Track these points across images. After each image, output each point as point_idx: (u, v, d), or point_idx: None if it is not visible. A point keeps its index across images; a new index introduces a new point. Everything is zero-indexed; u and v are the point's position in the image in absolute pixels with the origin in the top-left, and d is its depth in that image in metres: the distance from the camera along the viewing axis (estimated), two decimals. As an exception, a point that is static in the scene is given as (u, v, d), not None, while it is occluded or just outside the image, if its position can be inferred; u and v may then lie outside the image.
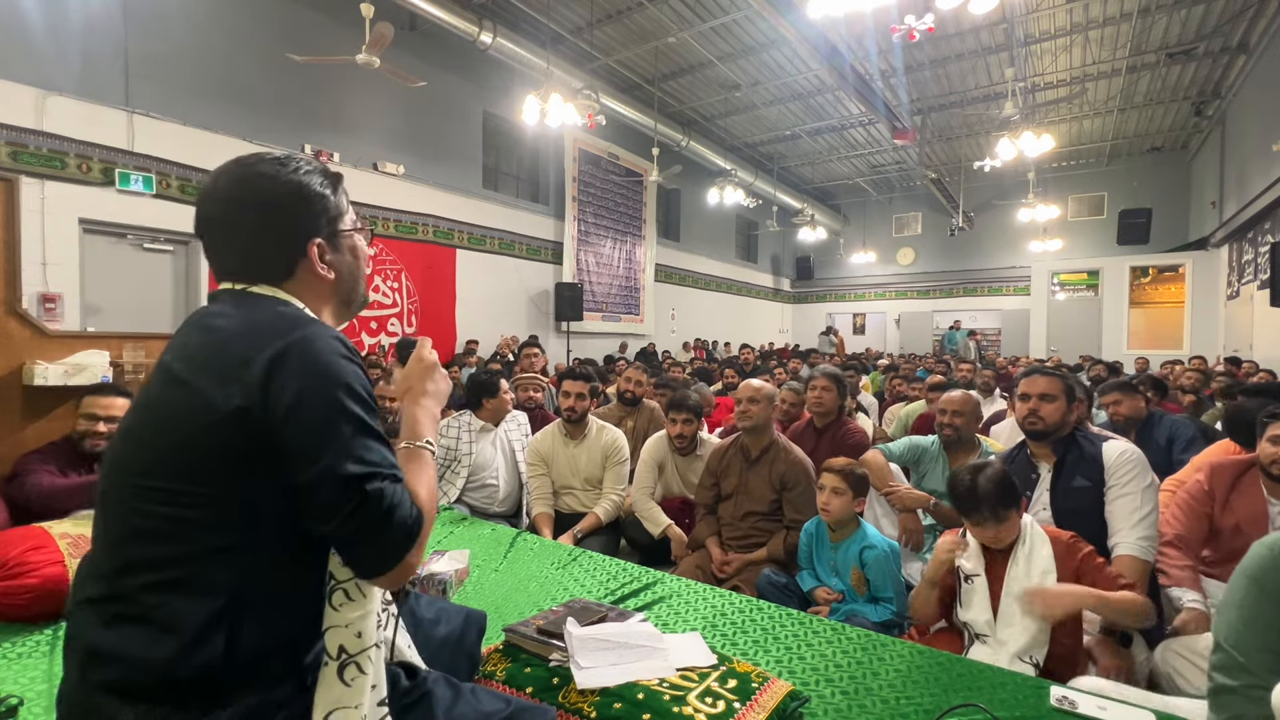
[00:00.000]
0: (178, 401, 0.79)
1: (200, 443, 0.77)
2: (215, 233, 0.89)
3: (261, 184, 0.88)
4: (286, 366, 0.77)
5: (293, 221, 0.90)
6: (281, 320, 0.83)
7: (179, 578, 0.75)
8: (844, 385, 3.21)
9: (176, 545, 0.76)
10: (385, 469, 0.80)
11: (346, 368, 0.81)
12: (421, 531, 0.82)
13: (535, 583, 1.97)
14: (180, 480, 0.76)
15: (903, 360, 9.15)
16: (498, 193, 9.51)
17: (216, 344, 0.81)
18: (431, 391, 1.02)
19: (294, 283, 0.91)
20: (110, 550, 0.79)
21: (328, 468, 0.76)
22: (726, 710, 1.17)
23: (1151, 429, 3.13)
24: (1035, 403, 2.05)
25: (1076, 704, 1.25)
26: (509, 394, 3.11)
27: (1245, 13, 7.87)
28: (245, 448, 0.77)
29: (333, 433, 0.77)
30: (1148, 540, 1.82)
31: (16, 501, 1.99)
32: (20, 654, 1.45)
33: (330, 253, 0.94)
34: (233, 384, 0.76)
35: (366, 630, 0.83)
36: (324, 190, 0.93)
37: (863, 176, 15.43)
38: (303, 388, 0.77)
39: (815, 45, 7.30)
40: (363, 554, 0.79)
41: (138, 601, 0.75)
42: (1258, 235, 8.68)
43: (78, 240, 5.26)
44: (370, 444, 0.80)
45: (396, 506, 0.79)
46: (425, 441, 0.96)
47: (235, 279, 0.89)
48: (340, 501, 0.76)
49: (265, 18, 6.45)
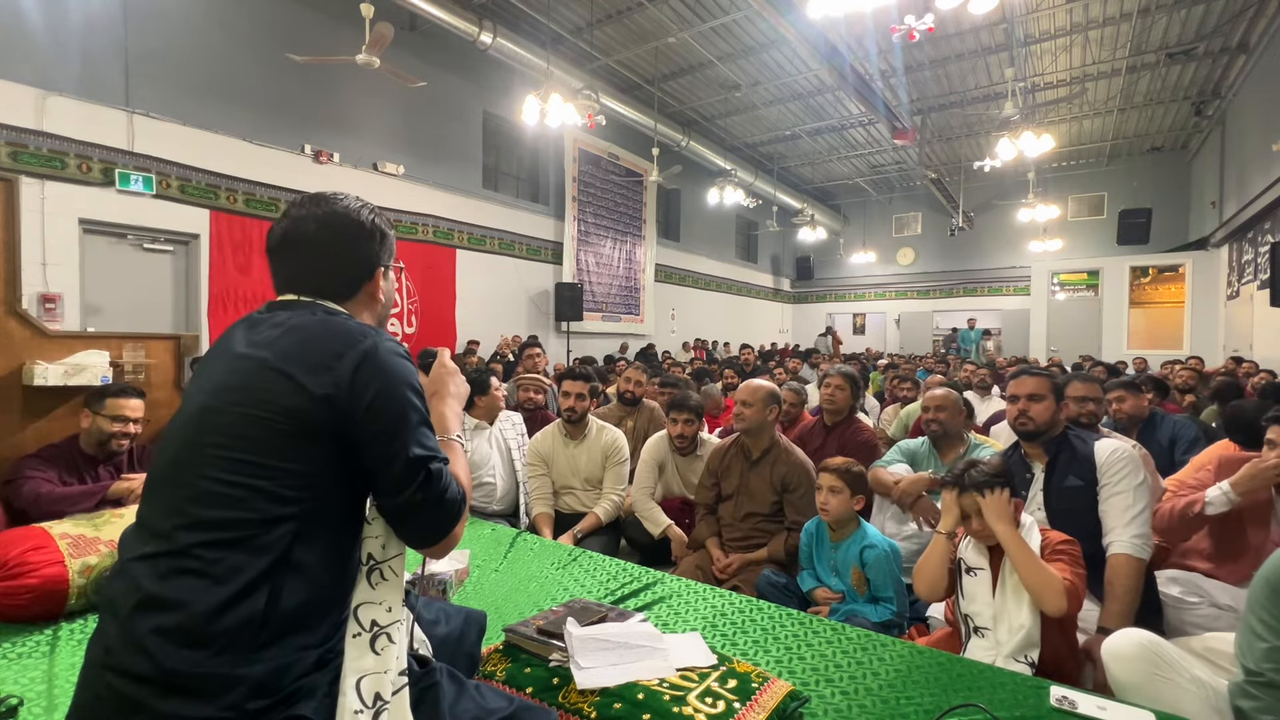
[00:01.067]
0: (272, 385, 0.90)
1: (287, 422, 0.88)
2: (300, 251, 1.03)
3: (351, 218, 1.05)
4: (369, 365, 0.92)
5: (370, 251, 1.07)
6: (356, 328, 0.97)
7: (238, 539, 0.84)
8: (858, 385, 3.26)
9: (243, 510, 0.85)
10: (439, 454, 0.96)
11: (410, 369, 0.98)
12: (464, 509, 0.98)
13: (535, 583, 1.97)
14: (258, 453, 0.87)
15: (902, 360, 9.15)
16: (498, 193, 9.50)
17: (306, 341, 0.94)
18: (454, 393, 1.20)
19: (353, 301, 1.06)
20: (171, 512, 0.87)
21: (401, 450, 0.91)
22: (726, 710, 1.17)
23: (1154, 429, 3.13)
24: (1024, 403, 2.06)
25: (1076, 704, 1.25)
26: (500, 390, 3.11)
27: (1245, 13, 7.87)
28: (325, 428, 0.89)
29: (404, 422, 0.93)
30: (1141, 538, 1.82)
31: (14, 505, 1.99)
32: (20, 654, 1.45)
33: (384, 280, 1.11)
34: (324, 374, 0.90)
35: (396, 604, 0.95)
36: (388, 230, 1.12)
37: (863, 176, 15.43)
38: (382, 385, 0.92)
39: (815, 45, 7.30)
40: (421, 524, 0.94)
41: (197, 556, 0.83)
42: (1258, 235, 8.68)
43: (78, 240, 5.26)
44: (428, 433, 0.96)
45: (449, 485, 0.95)
46: (455, 435, 1.12)
47: (301, 291, 1.03)
48: (410, 478, 0.91)
49: (265, 18, 6.45)
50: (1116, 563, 1.80)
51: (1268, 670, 1.18)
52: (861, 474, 2.18)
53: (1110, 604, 1.76)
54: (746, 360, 8.10)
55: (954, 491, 1.70)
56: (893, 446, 2.93)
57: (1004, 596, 1.61)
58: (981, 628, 1.63)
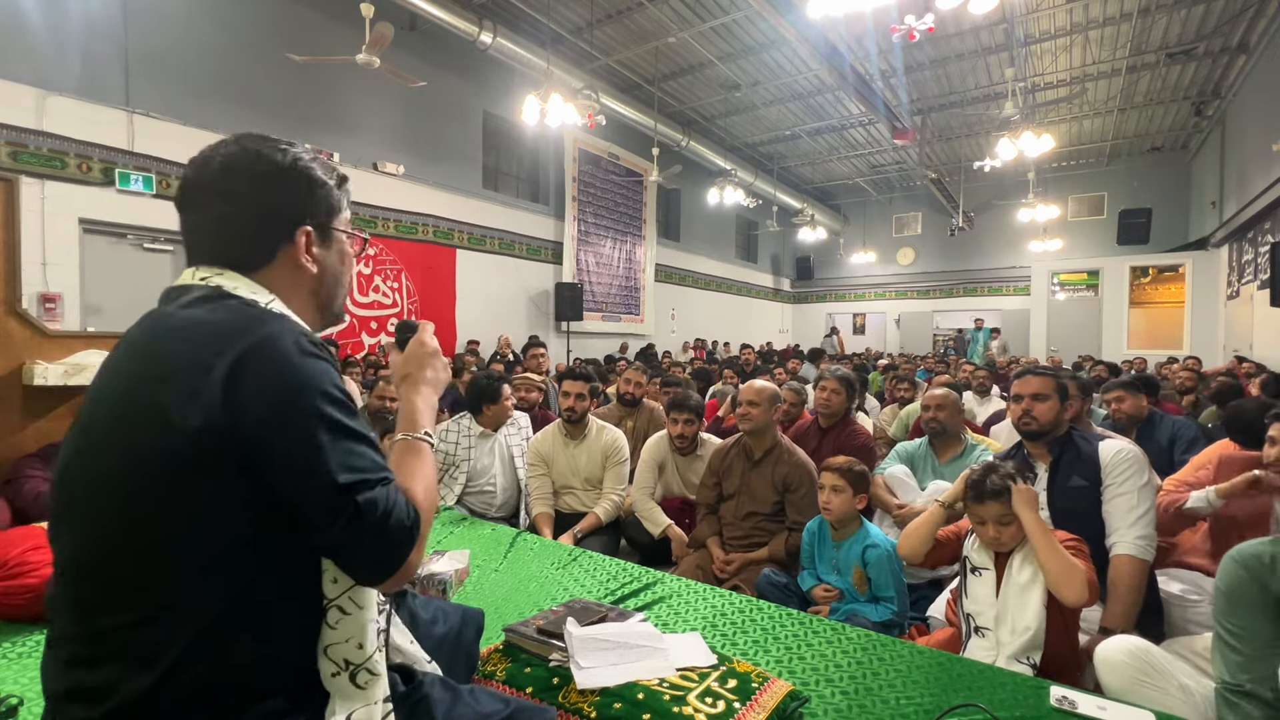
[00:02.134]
0: (136, 417, 0.72)
1: (169, 467, 0.70)
2: (199, 201, 0.82)
3: (264, 154, 0.83)
4: (249, 373, 0.71)
5: (288, 199, 0.84)
6: (241, 319, 0.76)
7: (156, 602, 0.70)
8: (854, 388, 3.25)
9: (151, 568, 0.70)
10: (373, 474, 0.75)
11: (315, 367, 0.75)
12: (420, 531, 0.79)
13: (535, 583, 1.97)
14: (147, 500, 0.70)
15: (903, 360, 9.13)
16: (498, 193, 9.51)
17: (171, 350, 0.74)
18: (430, 379, 0.98)
19: (269, 271, 0.84)
20: (79, 578, 0.73)
21: (312, 481, 0.71)
22: (726, 710, 1.17)
23: (1153, 429, 3.13)
24: (1028, 403, 2.06)
25: (1076, 704, 1.25)
26: (511, 400, 3.10)
27: (1245, 13, 7.87)
28: (218, 464, 0.70)
29: (312, 443, 0.72)
30: (1145, 539, 1.82)
31: (14, 504, 1.99)
32: (20, 654, 1.45)
33: (318, 245, 0.88)
34: (192, 401, 0.69)
35: (368, 639, 0.81)
36: (327, 179, 0.89)
37: (863, 176, 15.42)
38: (271, 397, 0.71)
39: (815, 45, 7.30)
40: (360, 562, 0.76)
41: (112, 635, 0.70)
42: (1258, 235, 8.68)
43: (78, 240, 5.27)
44: (353, 448, 0.74)
45: (391, 510, 0.74)
46: (424, 432, 0.91)
47: (204, 261, 0.82)
48: (332, 512, 0.71)
49: (265, 17, 6.45)
50: (1120, 563, 1.80)
51: (1245, 681, 1.18)
52: (864, 473, 2.18)
53: (1113, 604, 1.76)
54: (746, 360, 8.10)
55: (969, 499, 1.70)
56: (892, 449, 2.97)
57: (1007, 598, 1.61)
58: (983, 627, 1.63)
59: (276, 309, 0.81)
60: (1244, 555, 1.23)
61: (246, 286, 0.81)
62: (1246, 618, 1.19)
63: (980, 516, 1.67)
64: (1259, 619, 1.17)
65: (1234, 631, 1.21)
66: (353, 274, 0.98)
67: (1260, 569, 1.19)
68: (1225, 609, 1.23)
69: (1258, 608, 1.18)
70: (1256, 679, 1.16)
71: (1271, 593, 1.17)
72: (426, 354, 0.98)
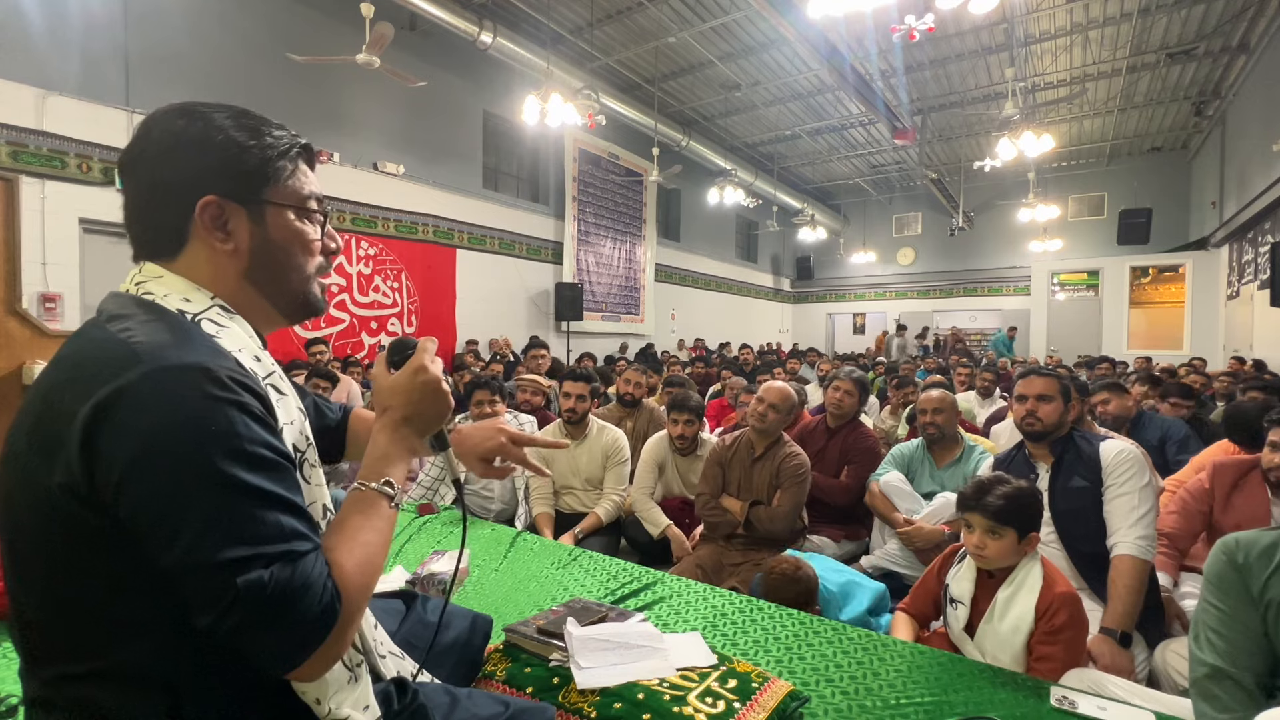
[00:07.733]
0: (17, 466, 0.63)
1: (40, 523, 0.61)
2: (125, 187, 0.73)
3: (168, 124, 0.71)
4: (112, 420, 0.57)
5: (184, 167, 0.70)
6: (118, 348, 0.61)
7: (98, 658, 0.62)
8: (866, 390, 3.22)
9: (81, 626, 0.62)
10: (272, 546, 0.60)
11: (215, 412, 0.59)
12: (340, 615, 0.63)
13: (535, 583, 1.97)
14: (55, 559, 0.62)
15: (905, 362, 9.13)
16: (498, 193, 9.50)
17: (48, 387, 0.63)
18: (414, 417, 0.78)
19: (188, 260, 0.72)
20: (21, 626, 0.66)
21: (181, 556, 0.58)
22: (726, 710, 1.17)
23: (1143, 429, 3.15)
24: (1032, 404, 2.05)
25: (1076, 704, 1.25)
26: (502, 409, 3.06)
27: (1245, 13, 7.86)
28: (80, 532, 0.60)
29: (184, 508, 0.58)
30: (1146, 540, 1.82)
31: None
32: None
33: (242, 221, 0.73)
34: (58, 453, 0.58)
35: (326, 696, 0.71)
36: (244, 140, 0.72)
37: (863, 176, 15.42)
38: (135, 448, 0.57)
39: (815, 45, 7.29)
40: (254, 655, 0.61)
41: (66, 685, 0.64)
42: (1258, 235, 8.68)
43: (78, 240, 5.26)
44: (251, 513, 0.60)
45: (294, 594, 0.59)
46: (384, 482, 0.73)
47: (135, 254, 0.74)
48: (209, 597, 0.58)
49: (265, 17, 6.45)
50: (1121, 564, 1.80)
51: (1227, 666, 1.15)
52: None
53: (1113, 605, 1.76)
54: (746, 360, 8.10)
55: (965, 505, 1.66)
56: (889, 452, 2.94)
57: (984, 636, 1.56)
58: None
59: (207, 327, 0.69)
60: (1236, 543, 1.22)
61: (179, 292, 0.70)
62: (1232, 604, 1.18)
63: (970, 522, 1.64)
64: (1243, 606, 1.17)
65: (1219, 615, 1.20)
66: (321, 261, 0.82)
67: (1245, 556, 1.18)
68: (1217, 590, 1.21)
69: (1243, 596, 1.17)
70: (1239, 666, 1.15)
71: (1257, 581, 1.16)
72: (419, 385, 0.78)
